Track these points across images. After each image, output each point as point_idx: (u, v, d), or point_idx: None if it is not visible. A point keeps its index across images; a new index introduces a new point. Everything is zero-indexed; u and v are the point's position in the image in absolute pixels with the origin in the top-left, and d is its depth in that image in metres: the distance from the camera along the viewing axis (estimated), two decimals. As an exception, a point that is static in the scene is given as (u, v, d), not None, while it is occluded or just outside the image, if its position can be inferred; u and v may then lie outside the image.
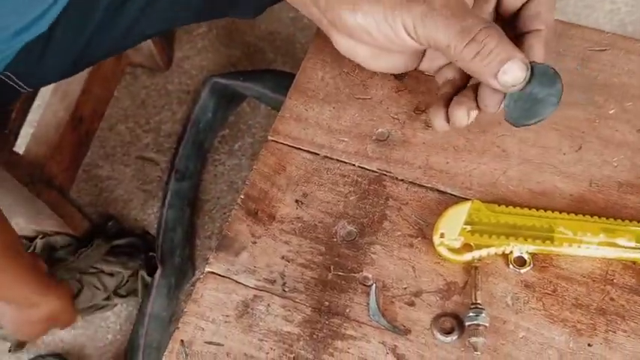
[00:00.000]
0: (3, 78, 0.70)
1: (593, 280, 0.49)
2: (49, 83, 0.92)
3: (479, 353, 0.46)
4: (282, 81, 1.22)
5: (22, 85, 0.72)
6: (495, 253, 0.50)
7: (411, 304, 0.49)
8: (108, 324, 1.15)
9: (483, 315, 0.47)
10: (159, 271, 1.13)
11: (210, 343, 0.49)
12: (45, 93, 1.15)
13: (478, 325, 0.47)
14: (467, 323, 0.47)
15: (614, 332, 0.47)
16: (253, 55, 1.34)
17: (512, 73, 0.42)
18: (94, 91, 1.23)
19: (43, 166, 1.10)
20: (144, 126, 1.31)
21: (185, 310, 0.50)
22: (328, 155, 0.55)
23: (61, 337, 1.15)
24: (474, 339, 0.46)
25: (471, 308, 0.48)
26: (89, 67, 0.90)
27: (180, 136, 1.27)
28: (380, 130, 0.56)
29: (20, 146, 1.07)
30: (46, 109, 1.15)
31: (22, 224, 1.13)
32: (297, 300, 0.50)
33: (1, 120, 0.92)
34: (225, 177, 1.26)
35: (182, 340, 0.49)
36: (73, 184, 1.23)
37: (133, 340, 1.11)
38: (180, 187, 1.21)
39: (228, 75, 1.29)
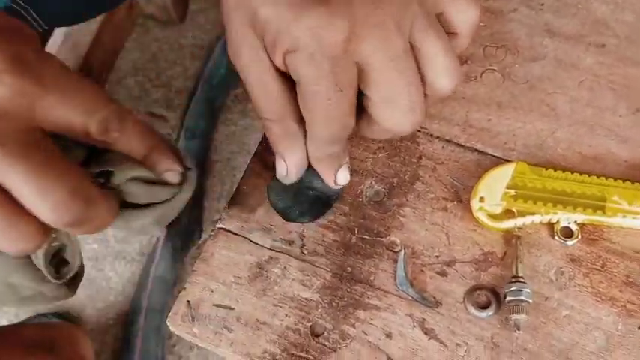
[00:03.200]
0: (18, 9, 0.64)
1: (648, 257, 0.44)
2: (64, 23, 0.86)
3: (520, 332, 0.42)
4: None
5: (39, 20, 0.67)
6: (540, 222, 0.45)
7: (443, 273, 0.44)
8: (110, 284, 1.12)
9: (527, 290, 0.42)
10: (164, 233, 1.08)
11: (219, 306, 0.44)
12: (56, 41, 1.10)
13: (521, 301, 0.42)
14: (508, 298, 0.42)
15: (670, 315, 0.43)
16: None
17: None
18: (105, 41, 1.18)
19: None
20: (154, 80, 1.25)
21: (193, 269, 0.45)
22: (356, 107, 0.50)
23: (61, 295, 1.11)
24: (515, 316, 0.42)
25: (512, 282, 0.43)
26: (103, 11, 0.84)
27: (192, 93, 1.21)
28: (415, 81, 0.50)
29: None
30: (54, 57, 1.10)
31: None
32: (316, 264, 0.45)
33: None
34: (237, 137, 1.21)
35: (188, 301, 0.44)
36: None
37: (136, 302, 1.07)
38: (189, 146, 1.16)
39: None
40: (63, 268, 0.40)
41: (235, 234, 0.46)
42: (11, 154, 0.32)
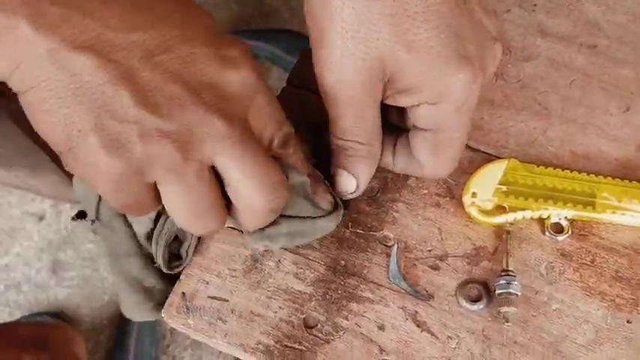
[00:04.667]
0: None
1: (637, 252, 0.45)
2: None
3: (509, 324, 0.42)
4: (298, 42, 1.17)
5: None
6: (531, 218, 0.45)
7: (436, 267, 0.45)
8: (105, 284, 1.12)
9: (515, 283, 0.42)
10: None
11: (214, 298, 0.45)
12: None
13: (510, 293, 0.42)
14: (497, 291, 0.43)
15: (658, 310, 0.43)
16: (268, 14, 1.28)
17: None
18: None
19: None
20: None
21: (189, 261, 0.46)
22: (351, 104, 0.50)
23: (55, 295, 1.11)
24: (505, 309, 0.42)
25: (501, 275, 0.43)
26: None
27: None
28: (409, 79, 0.51)
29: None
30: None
31: (22, 177, 1.09)
32: (310, 257, 0.46)
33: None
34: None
35: (183, 293, 0.45)
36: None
37: (130, 301, 1.07)
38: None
39: (241, 34, 1.24)
40: (173, 261, 0.43)
41: (231, 227, 0.46)
42: (236, 138, 0.34)
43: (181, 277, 0.45)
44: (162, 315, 0.45)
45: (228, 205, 0.37)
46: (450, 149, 0.41)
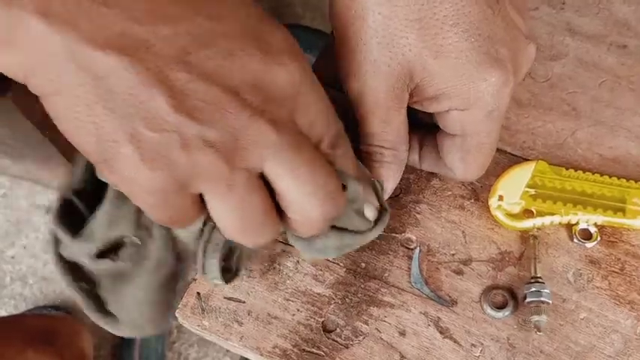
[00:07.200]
0: None
1: (668, 261, 0.43)
2: None
3: (541, 334, 0.41)
4: (311, 38, 1.16)
5: None
6: (559, 223, 0.44)
7: (459, 272, 0.44)
8: (111, 278, 1.11)
9: (547, 291, 0.41)
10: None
11: (230, 299, 0.43)
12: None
13: (541, 302, 0.41)
14: (528, 299, 0.41)
15: (690, 321, 0.42)
16: (280, 9, 1.27)
17: None
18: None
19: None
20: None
21: (204, 260, 0.44)
22: (373, 101, 0.49)
23: (62, 288, 1.10)
24: (536, 318, 0.41)
25: (531, 282, 0.42)
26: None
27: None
28: (434, 76, 0.50)
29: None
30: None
31: (31, 169, 1.08)
32: (329, 259, 0.44)
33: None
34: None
35: (198, 293, 0.43)
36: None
37: (137, 296, 1.06)
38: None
39: (254, 28, 1.22)
40: (225, 273, 0.38)
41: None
42: (286, 142, 0.31)
43: (196, 276, 0.44)
44: (177, 315, 0.43)
45: (279, 212, 0.33)
46: (480, 155, 0.40)
